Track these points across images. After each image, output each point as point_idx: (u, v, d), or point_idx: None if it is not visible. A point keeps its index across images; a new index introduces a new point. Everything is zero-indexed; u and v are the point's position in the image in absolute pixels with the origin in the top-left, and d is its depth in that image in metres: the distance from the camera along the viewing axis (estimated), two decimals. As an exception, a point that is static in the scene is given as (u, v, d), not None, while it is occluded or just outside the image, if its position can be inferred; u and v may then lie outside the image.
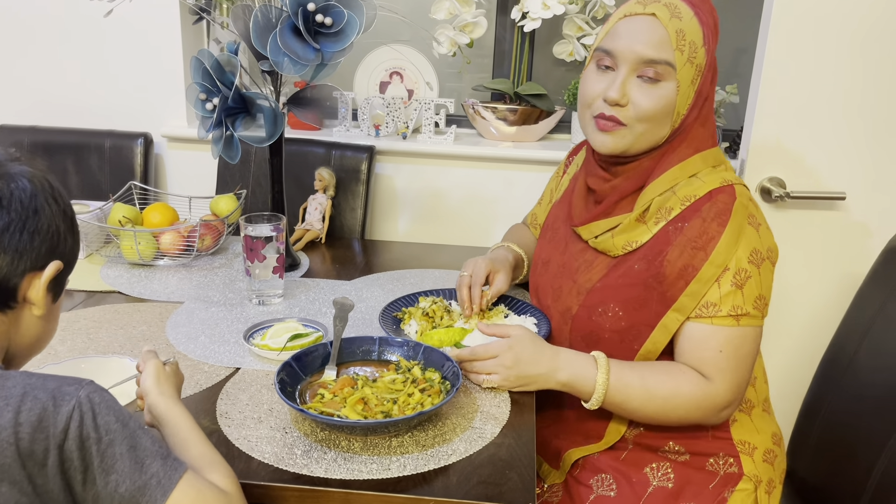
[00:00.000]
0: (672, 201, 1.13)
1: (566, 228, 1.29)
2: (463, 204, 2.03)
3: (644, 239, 1.14)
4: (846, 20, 1.64)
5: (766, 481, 1.19)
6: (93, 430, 0.73)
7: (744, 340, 1.09)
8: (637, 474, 1.17)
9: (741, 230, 1.08)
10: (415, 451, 0.98)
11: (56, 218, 0.82)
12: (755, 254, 1.09)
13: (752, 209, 1.11)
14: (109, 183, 2.02)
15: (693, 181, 1.13)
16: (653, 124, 1.12)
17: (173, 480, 0.76)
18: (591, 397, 1.10)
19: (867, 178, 1.74)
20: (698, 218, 1.10)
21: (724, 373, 1.09)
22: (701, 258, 1.08)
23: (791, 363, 1.80)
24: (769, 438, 1.22)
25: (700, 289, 1.08)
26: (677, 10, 1.10)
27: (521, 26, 1.91)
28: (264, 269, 1.41)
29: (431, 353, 1.14)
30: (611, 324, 1.15)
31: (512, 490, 0.91)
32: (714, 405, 1.10)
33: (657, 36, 1.09)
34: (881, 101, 1.69)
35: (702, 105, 1.14)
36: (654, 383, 1.10)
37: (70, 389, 0.73)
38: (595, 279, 1.18)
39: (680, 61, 1.09)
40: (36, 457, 0.71)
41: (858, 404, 1.36)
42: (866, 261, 1.49)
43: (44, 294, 0.82)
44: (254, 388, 1.13)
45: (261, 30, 1.35)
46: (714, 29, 1.13)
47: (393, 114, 2.00)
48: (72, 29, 2.02)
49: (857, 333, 1.42)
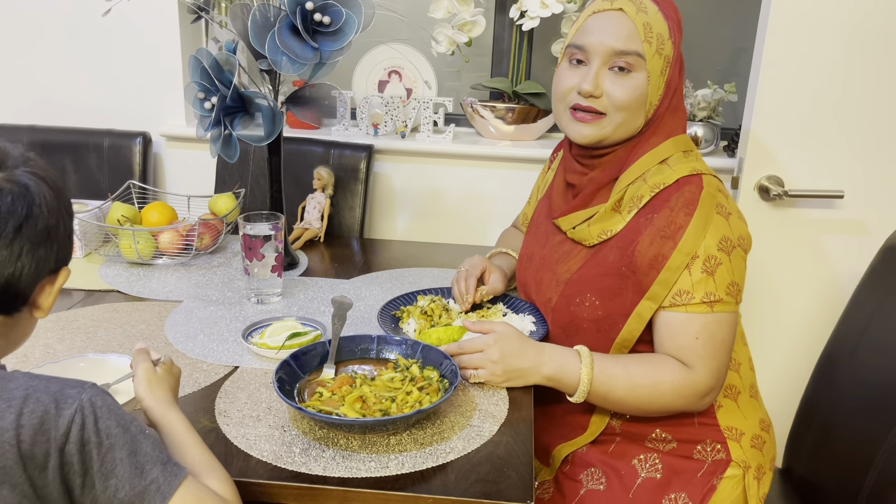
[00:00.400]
0: (643, 189, 1.15)
1: (547, 223, 1.31)
2: (461, 202, 2.04)
3: (618, 228, 1.17)
4: (844, 19, 1.64)
5: (755, 467, 1.21)
6: (94, 434, 0.73)
7: (719, 326, 1.11)
8: (625, 467, 1.19)
9: (708, 219, 1.11)
10: (413, 449, 0.98)
11: (69, 224, 0.83)
12: (724, 241, 1.11)
13: (721, 199, 1.13)
14: (108, 182, 2.02)
15: (663, 168, 1.16)
16: (628, 114, 1.16)
17: (173, 486, 0.76)
18: (576, 391, 1.12)
19: (865, 177, 1.74)
20: (667, 208, 1.12)
21: (703, 359, 1.10)
22: (670, 247, 1.10)
23: (789, 361, 1.80)
24: (757, 424, 1.24)
25: (670, 277, 1.11)
26: (643, 5, 1.14)
27: (519, 25, 1.91)
28: (263, 268, 1.41)
29: (430, 352, 1.15)
30: (588, 313, 1.18)
31: (510, 488, 0.92)
32: (696, 392, 1.11)
33: (626, 29, 1.13)
34: (879, 100, 1.69)
35: (672, 95, 1.18)
36: (636, 374, 1.11)
37: (72, 392, 0.73)
38: (573, 269, 1.21)
39: (649, 52, 1.13)
40: (37, 459, 0.71)
41: (856, 402, 1.36)
42: (864, 259, 1.49)
43: (54, 301, 0.82)
44: (252, 387, 1.13)
45: (259, 29, 1.35)
46: (678, 24, 1.17)
47: (391, 113, 2.00)
48: (71, 28, 2.02)
49: (855, 331, 1.42)
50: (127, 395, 1.03)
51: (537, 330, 1.27)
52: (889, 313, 1.35)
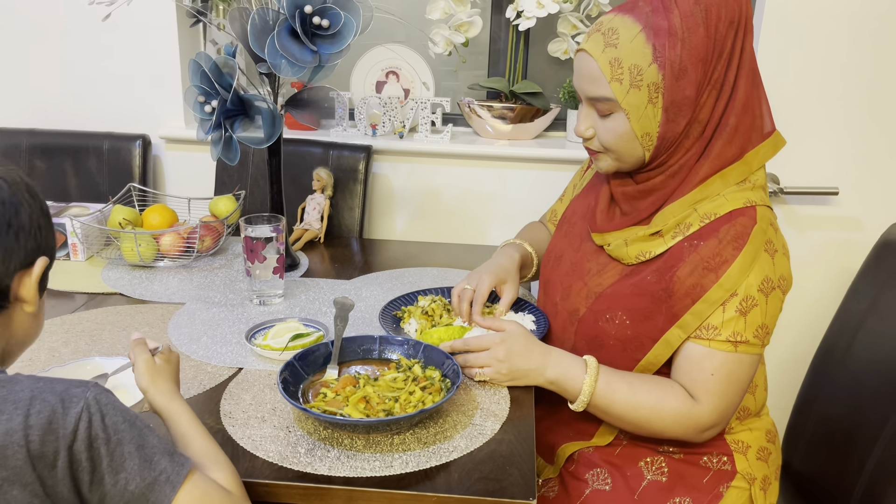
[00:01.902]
0: (692, 217, 1.11)
1: (583, 225, 1.28)
2: (460, 202, 2.05)
3: (658, 251, 1.12)
4: (838, 17, 1.66)
5: (761, 479, 1.20)
6: (101, 430, 0.74)
7: (738, 366, 1.08)
8: (632, 468, 1.19)
9: (756, 256, 1.06)
10: (416, 448, 0.99)
11: (36, 214, 0.83)
12: (766, 282, 1.06)
13: (771, 234, 1.08)
14: (108, 185, 2.03)
15: (716, 198, 1.10)
16: (621, 151, 1.12)
17: (181, 476, 0.78)
18: (577, 399, 1.12)
19: (860, 173, 1.76)
20: (715, 238, 1.07)
21: (712, 396, 1.08)
22: (711, 279, 1.06)
23: (786, 357, 1.82)
24: (763, 436, 1.23)
25: (705, 309, 1.07)
26: (615, 35, 1.06)
27: (515, 25, 1.92)
28: (264, 270, 1.42)
29: (431, 352, 1.16)
30: (616, 331, 1.15)
31: (513, 485, 0.93)
32: (696, 426, 1.10)
33: (590, 72, 1.09)
34: (873, 97, 1.71)
35: (689, 115, 1.07)
36: (640, 394, 1.10)
37: (77, 391, 0.75)
38: (606, 284, 1.18)
39: (620, 92, 1.06)
40: (46, 459, 0.72)
41: (852, 397, 1.38)
42: (859, 255, 1.50)
43: (35, 291, 0.83)
44: (256, 388, 1.14)
45: (258, 32, 1.36)
46: (679, 33, 1.04)
47: (389, 113, 2.01)
48: (69, 32, 2.03)
49: (851, 327, 1.44)
50: (125, 387, 1.05)
51: (537, 329, 1.28)
52: (884, 308, 1.37)
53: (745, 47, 1.07)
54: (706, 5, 1.04)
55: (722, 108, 1.08)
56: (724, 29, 1.05)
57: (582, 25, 1.91)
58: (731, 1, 1.05)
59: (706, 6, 1.04)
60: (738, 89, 1.08)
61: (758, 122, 1.12)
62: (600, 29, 1.08)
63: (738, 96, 1.08)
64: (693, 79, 1.05)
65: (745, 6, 1.07)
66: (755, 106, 1.11)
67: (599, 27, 1.09)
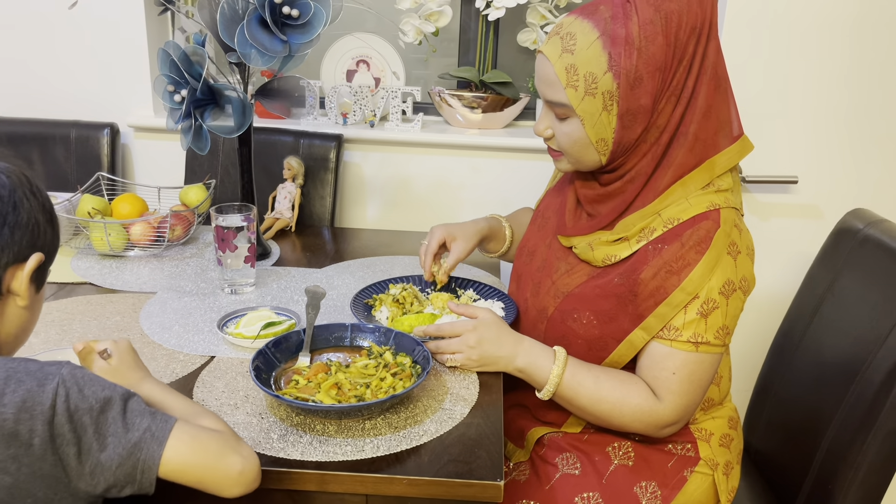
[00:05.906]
0: (656, 222, 1.12)
1: (555, 220, 1.30)
2: (431, 190, 2.06)
3: (624, 254, 1.14)
4: (799, 11, 1.70)
5: (724, 464, 1.23)
6: (81, 400, 0.76)
7: (699, 366, 1.10)
8: (599, 453, 1.21)
9: (718, 259, 1.07)
10: (388, 433, 1.02)
11: (35, 211, 0.84)
12: (728, 284, 1.08)
13: (735, 236, 1.09)
14: (76, 174, 2.01)
15: (680, 202, 1.11)
16: (576, 155, 1.14)
17: (166, 431, 0.80)
18: (543, 388, 1.14)
19: (818, 163, 1.81)
20: (678, 242, 1.08)
21: (673, 395, 1.11)
22: (673, 283, 1.08)
23: (745, 341, 1.86)
24: (725, 423, 1.26)
25: (668, 312, 1.09)
26: (572, 41, 1.06)
27: (485, 15, 1.94)
28: (236, 259, 1.43)
29: (402, 339, 1.18)
30: (584, 331, 1.18)
31: (481, 468, 0.96)
32: (656, 422, 1.13)
33: (547, 76, 1.09)
34: (832, 90, 1.76)
35: (645, 122, 1.07)
36: (604, 388, 1.12)
37: (52, 369, 0.77)
38: (574, 284, 1.20)
39: (575, 98, 1.07)
40: (21, 437, 0.73)
41: (809, 378, 1.43)
42: (817, 241, 1.55)
43: (27, 285, 0.84)
44: (229, 376, 1.16)
45: (228, 22, 1.36)
46: (629, 40, 1.03)
47: (360, 102, 2.02)
48: (35, 19, 2.00)
49: (808, 311, 1.49)
50: None
51: (505, 316, 1.30)
52: (839, 293, 1.42)
53: (708, 53, 1.07)
54: (667, 13, 1.03)
55: (680, 115, 1.08)
56: (686, 36, 1.04)
57: (551, 16, 1.93)
58: (693, 7, 1.04)
59: (667, 14, 1.03)
60: (697, 96, 1.07)
61: (724, 128, 1.11)
62: (559, 32, 1.09)
63: (699, 103, 1.07)
64: (649, 88, 1.05)
65: (709, 11, 1.06)
66: (720, 111, 1.10)
67: (559, 30, 1.09)
